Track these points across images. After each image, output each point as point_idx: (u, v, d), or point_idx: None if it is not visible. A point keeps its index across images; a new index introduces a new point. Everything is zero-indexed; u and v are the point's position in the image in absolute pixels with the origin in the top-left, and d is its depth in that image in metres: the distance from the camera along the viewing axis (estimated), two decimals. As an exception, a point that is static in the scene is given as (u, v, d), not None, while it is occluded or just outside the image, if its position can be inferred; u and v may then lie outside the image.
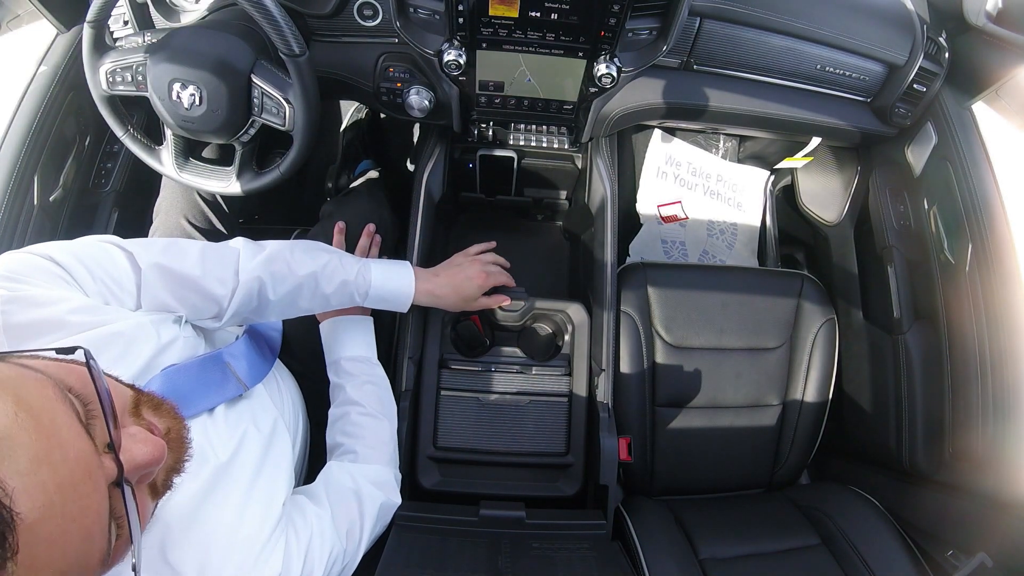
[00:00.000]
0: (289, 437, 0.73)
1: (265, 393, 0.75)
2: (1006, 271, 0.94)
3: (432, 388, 1.03)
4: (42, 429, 0.33)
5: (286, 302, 0.79)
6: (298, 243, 0.83)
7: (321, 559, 0.64)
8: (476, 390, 1.04)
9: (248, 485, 0.60)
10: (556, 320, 1.10)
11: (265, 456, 0.65)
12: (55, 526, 0.31)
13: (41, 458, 0.31)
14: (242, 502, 0.59)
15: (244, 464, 0.61)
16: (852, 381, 1.29)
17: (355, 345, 0.92)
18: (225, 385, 0.66)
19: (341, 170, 1.55)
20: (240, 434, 0.63)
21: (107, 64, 0.86)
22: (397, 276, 0.89)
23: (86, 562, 0.34)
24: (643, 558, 0.91)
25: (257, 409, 0.70)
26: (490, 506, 0.93)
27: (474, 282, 0.96)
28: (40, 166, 1.02)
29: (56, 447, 0.33)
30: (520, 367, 1.06)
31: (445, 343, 1.06)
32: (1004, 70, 0.98)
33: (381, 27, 0.94)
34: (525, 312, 1.06)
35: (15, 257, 0.54)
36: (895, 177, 1.20)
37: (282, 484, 0.66)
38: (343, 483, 0.75)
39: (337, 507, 0.71)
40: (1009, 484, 0.91)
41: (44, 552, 0.30)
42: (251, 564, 0.56)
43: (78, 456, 0.34)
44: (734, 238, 1.64)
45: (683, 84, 1.04)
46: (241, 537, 0.57)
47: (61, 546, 0.31)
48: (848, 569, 0.96)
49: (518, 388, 1.04)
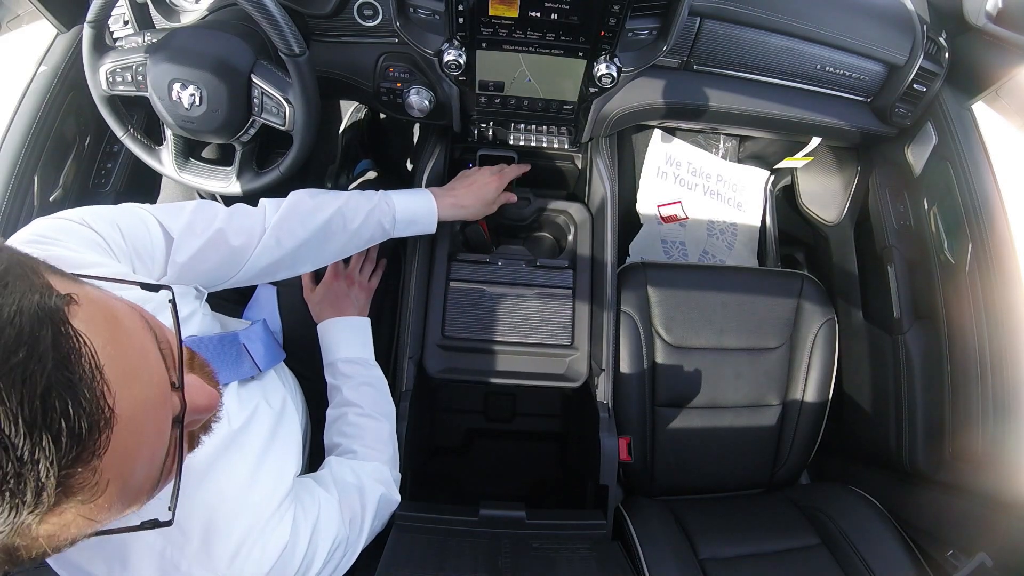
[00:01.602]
0: (298, 418, 0.73)
1: (276, 377, 0.76)
2: (1006, 271, 0.94)
3: (441, 279, 1.06)
4: (135, 347, 0.34)
5: (315, 243, 0.81)
6: (315, 190, 0.84)
7: (326, 541, 0.63)
8: (483, 281, 1.08)
9: (260, 454, 0.60)
10: (559, 223, 1.15)
11: (276, 430, 0.65)
12: (133, 440, 0.31)
13: (134, 373, 0.32)
14: (253, 469, 0.59)
15: (256, 434, 0.62)
16: (852, 381, 1.29)
17: (351, 347, 0.92)
18: (240, 364, 0.67)
19: (340, 170, 1.55)
20: (252, 407, 0.64)
21: (107, 64, 0.86)
22: (417, 196, 0.92)
23: (142, 485, 0.34)
24: (643, 558, 0.91)
25: (268, 389, 0.71)
26: (490, 506, 0.93)
27: (491, 185, 1.00)
28: (40, 166, 1.02)
29: (145, 367, 0.34)
30: (526, 262, 1.10)
31: (454, 241, 1.11)
32: (1004, 70, 0.98)
33: (381, 27, 0.94)
34: (531, 211, 1.12)
35: (48, 222, 0.55)
36: (895, 177, 1.20)
37: (292, 459, 0.66)
38: (345, 477, 0.75)
39: (342, 496, 0.71)
40: (1009, 484, 0.91)
41: (119, 461, 0.31)
42: (259, 530, 0.56)
43: (161, 381, 0.35)
44: (734, 238, 1.64)
45: (683, 84, 1.04)
46: (250, 502, 0.57)
47: (132, 460, 0.32)
48: (848, 569, 0.96)
49: (524, 280, 1.08)
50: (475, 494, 0.97)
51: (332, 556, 0.64)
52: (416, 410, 1.01)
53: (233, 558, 0.53)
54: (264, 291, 1.00)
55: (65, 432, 0.27)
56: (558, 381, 1.05)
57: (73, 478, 0.28)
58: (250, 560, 0.54)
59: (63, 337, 0.28)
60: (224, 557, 0.52)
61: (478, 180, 1.00)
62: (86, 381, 0.28)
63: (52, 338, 0.28)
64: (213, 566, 0.52)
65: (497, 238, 1.18)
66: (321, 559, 0.62)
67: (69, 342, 0.28)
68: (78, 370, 0.28)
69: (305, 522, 0.61)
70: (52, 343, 0.27)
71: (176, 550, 0.50)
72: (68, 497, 0.28)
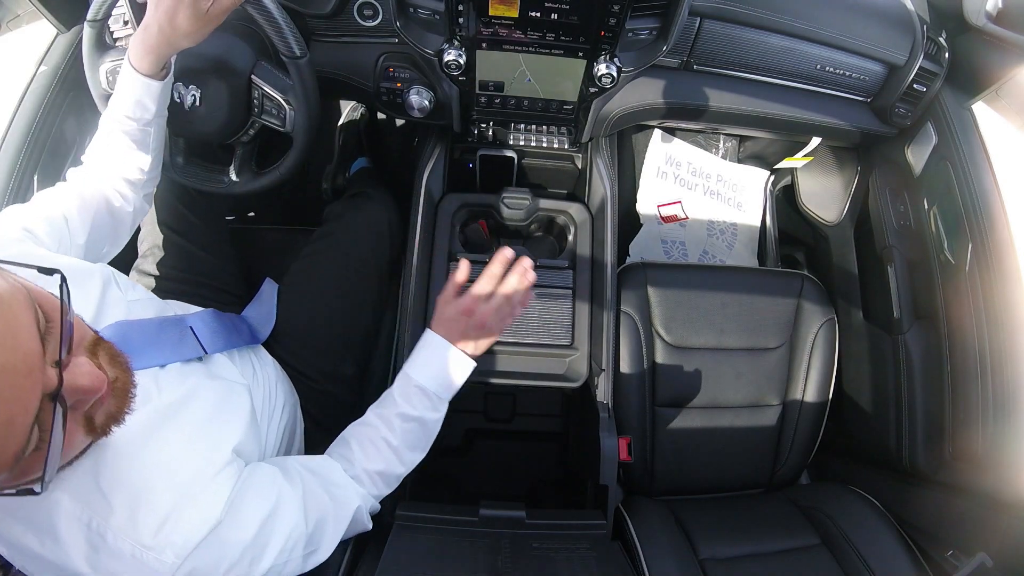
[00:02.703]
0: (247, 399, 0.70)
1: (229, 363, 0.74)
2: (1006, 271, 0.94)
3: (441, 279, 1.06)
4: (3, 313, 0.37)
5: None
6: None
7: (281, 532, 0.61)
8: None
9: (194, 431, 0.60)
10: (559, 223, 1.15)
11: (219, 408, 0.64)
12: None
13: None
14: (185, 445, 0.58)
15: (193, 411, 0.61)
16: (852, 381, 1.29)
17: (436, 378, 0.79)
18: (183, 345, 0.67)
19: (337, 170, 1.55)
20: (191, 385, 0.63)
21: (107, 63, 0.86)
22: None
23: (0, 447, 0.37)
24: (643, 558, 0.91)
25: (215, 370, 0.71)
26: (490, 506, 0.93)
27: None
28: (40, 166, 1.02)
29: (9, 333, 0.37)
30: None
31: (454, 241, 1.11)
32: (1004, 70, 0.98)
33: (381, 27, 0.94)
34: (530, 211, 1.11)
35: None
36: (895, 177, 1.20)
37: (231, 434, 0.63)
38: (329, 475, 0.73)
39: (310, 494, 0.67)
40: (1009, 484, 0.91)
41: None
42: (186, 503, 0.54)
43: (27, 350, 0.38)
44: (734, 238, 1.64)
45: (683, 84, 1.04)
46: (179, 476, 0.55)
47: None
48: (848, 569, 0.96)
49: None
50: (475, 494, 0.97)
51: (287, 549, 0.62)
52: None
53: (159, 529, 0.52)
54: (267, 287, 1.00)
55: None
56: (558, 381, 1.05)
57: None
58: (177, 532, 0.52)
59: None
60: (150, 527, 0.52)
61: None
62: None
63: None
64: (138, 536, 0.51)
65: (497, 238, 1.17)
66: (274, 549, 0.60)
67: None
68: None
69: (253, 506, 0.59)
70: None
71: (102, 520, 0.50)
72: None
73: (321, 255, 1.03)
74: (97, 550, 0.50)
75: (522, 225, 1.15)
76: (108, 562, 0.51)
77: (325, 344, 0.97)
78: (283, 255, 1.09)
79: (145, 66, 0.73)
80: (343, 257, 1.03)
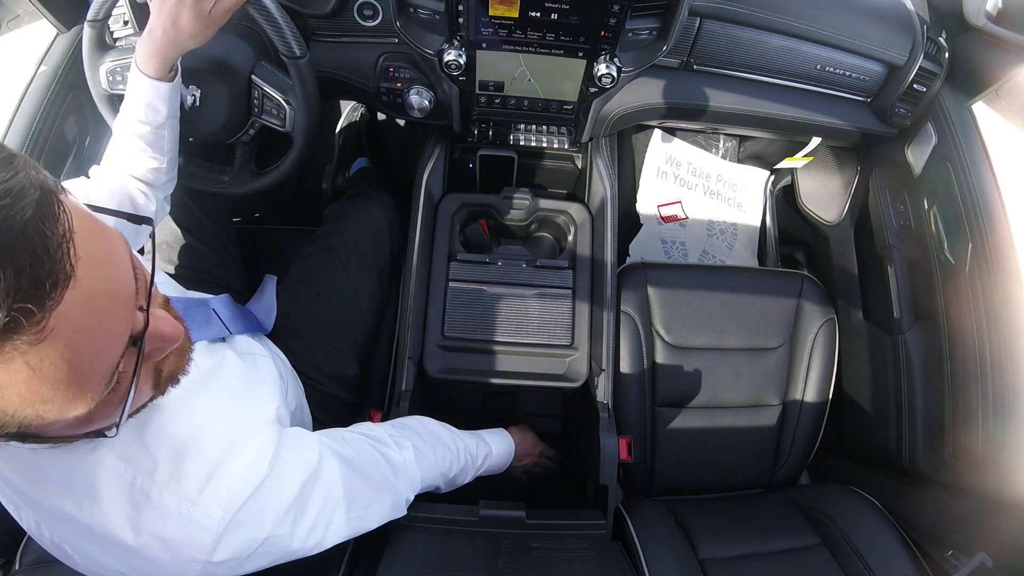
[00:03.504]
0: (275, 369, 0.74)
1: (252, 340, 0.78)
2: (1006, 271, 0.94)
3: (441, 279, 1.07)
4: (112, 248, 0.37)
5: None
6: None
7: (319, 495, 0.60)
8: (483, 282, 1.08)
9: (230, 394, 0.61)
10: (559, 223, 1.15)
11: (248, 375, 0.66)
12: (85, 316, 0.34)
13: (102, 262, 0.36)
14: (224, 404, 0.59)
15: (227, 377, 0.63)
16: (852, 381, 1.29)
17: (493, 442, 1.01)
18: (209, 326, 0.69)
19: (337, 170, 1.55)
20: (220, 358, 0.65)
21: (107, 63, 0.86)
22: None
23: (87, 375, 0.36)
24: (643, 558, 0.91)
25: (240, 348, 0.73)
26: (490, 506, 0.93)
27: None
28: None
29: (113, 265, 0.37)
30: (526, 262, 1.10)
31: (454, 241, 1.11)
32: (1004, 70, 0.98)
33: (381, 27, 0.94)
34: (530, 211, 1.12)
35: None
36: (895, 177, 1.20)
37: (268, 397, 0.65)
38: (389, 453, 0.75)
39: (368, 463, 0.70)
40: (1009, 484, 0.91)
41: (68, 328, 0.33)
42: (232, 459, 0.54)
43: (126, 286, 0.38)
44: (734, 238, 1.64)
45: (683, 84, 1.04)
46: (223, 432, 0.55)
47: (79, 335, 0.34)
48: (848, 569, 0.96)
49: (523, 281, 1.08)
50: (475, 494, 0.97)
51: (328, 511, 0.61)
52: (416, 410, 1.01)
53: (205, 483, 0.51)
54: (268, 282, 1.01)
55: (28, 271, 0.30)
56: (558, 381, 1.05)
57: (23, 315, 0.30)
58: (223, 486, 0.52)
59: (47, 203, 0.32)
60: (196, 482, 0.51)
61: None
62: (56, 240, 0.32)
63: (39, 198, 0.32)
64: (184, 491, 0.50)
65: (497, 238, 1.18)
66: (313, 510, 0.59)
67: (51, 208, 0.33)
68: (53, 228, 0.32)
69: (295, 466, 0.59)
70: (37, 201, 0.32)
71: (146, 477, 0.49)
72: (15, 333, 0.30)
73: (321, 255, 1.04)
74: (140, 509, 0.49)
75: (522, 225, 1.15)
76: (153, 522, 0.49)
77: (326, 345, 0.97)
78: (283, 255, 1.09)
79: (152, 69, 0.74)
80: (343, 257, 1.03)
